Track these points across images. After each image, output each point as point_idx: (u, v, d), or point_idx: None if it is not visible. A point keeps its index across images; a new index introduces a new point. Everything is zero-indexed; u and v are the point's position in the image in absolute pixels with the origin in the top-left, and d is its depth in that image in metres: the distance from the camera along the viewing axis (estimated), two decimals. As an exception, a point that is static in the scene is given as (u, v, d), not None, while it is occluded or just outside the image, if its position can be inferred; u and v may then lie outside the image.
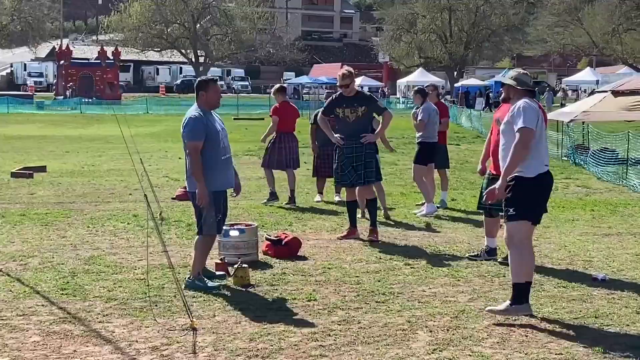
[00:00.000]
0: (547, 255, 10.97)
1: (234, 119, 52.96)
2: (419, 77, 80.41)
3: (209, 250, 9.36)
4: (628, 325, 7.80)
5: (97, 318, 7.96)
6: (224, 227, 10.43)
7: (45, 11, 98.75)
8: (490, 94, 67.24)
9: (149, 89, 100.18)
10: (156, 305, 8.38)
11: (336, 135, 11.84)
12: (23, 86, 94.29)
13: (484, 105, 66.31)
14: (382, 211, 13.87)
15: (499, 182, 7.93)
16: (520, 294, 7.94)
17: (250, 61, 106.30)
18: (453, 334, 7.49)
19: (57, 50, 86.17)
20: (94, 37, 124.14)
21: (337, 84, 11.93)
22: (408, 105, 67.85)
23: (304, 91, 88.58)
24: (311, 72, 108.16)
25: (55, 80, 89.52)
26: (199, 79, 9.56)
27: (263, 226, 12.96)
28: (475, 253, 10.74)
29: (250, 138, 35.02)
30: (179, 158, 23.45)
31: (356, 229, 12.03)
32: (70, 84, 77.80)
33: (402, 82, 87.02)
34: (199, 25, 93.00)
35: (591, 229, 13.01)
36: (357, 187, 12.00)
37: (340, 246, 11.50)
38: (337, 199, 15.68)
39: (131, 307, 8.33)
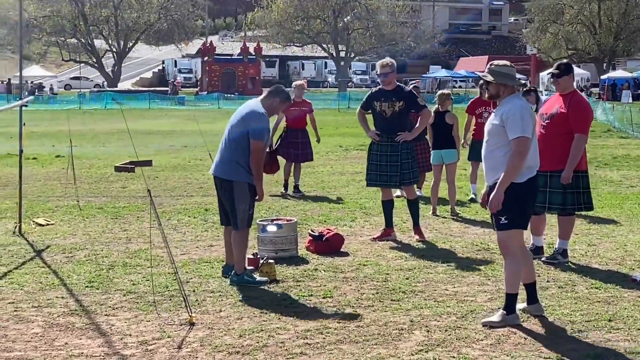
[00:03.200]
0: (599, 254, 10.51)
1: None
2: (562, 69, 78.14)
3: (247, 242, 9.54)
4: (638, 329, 7.41)
5: (105, 311, 8.11)
6: (262, 222, 10.54)
7: (191, 9, 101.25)
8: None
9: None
10: (170, 300, 8.50)
11: (372, 130, 11.64)
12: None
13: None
14: (450, 206, 13.76)
15: (495, 193, 7.37)
16: (514, 303, 7.64)
17: (393, 55, 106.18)
18: (449, 335, 7.30)
19: (202, 47, 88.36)
20: (242, 34, 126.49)
21: (377, 73, 11.79)
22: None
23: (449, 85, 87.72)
24: (457, 66, 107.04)
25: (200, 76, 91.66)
26: (280, 87, 9.66)
27: (325, 221, 12.93)
28: (551, 255, 10.21)
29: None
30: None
31: (392, 229, 11.68)
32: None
33: (544, 74, 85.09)
34: (341, 22, 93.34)
35: (665, 228, 12.41)
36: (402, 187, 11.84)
37: (387, 243, 11.33)
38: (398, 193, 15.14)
39: (144, 301, 8.46)
